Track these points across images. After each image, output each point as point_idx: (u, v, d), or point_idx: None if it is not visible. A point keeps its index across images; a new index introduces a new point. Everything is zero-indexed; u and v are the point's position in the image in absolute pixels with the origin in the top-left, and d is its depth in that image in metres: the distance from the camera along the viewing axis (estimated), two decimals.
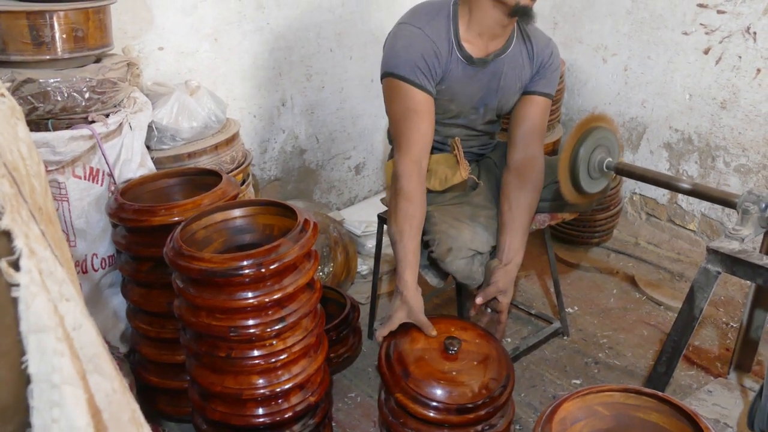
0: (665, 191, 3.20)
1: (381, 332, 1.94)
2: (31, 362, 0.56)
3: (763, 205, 1.60)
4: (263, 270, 1.64)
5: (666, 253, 3.18)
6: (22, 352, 0.57)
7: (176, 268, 1.69)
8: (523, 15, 1.97)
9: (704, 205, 3.05)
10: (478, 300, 2.06)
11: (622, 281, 2.99)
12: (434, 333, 1.91)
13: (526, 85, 2.20)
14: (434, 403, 1.72)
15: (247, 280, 1.64)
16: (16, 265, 0.58)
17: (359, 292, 2.91)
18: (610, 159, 1.94)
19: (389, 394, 1.82)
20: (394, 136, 2.09)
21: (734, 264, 1.55)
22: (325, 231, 2.81)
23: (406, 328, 1.94)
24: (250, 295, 1.67)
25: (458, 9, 2.04)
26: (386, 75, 2.03)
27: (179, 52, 2.61)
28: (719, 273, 1.59)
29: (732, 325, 2.65)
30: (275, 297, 1.69)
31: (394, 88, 2.02)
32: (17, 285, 0.57)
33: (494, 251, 2.14)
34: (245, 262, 1.63)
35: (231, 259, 1.64)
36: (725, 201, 1.69)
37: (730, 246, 1.57)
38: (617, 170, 1.94)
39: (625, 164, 1.96)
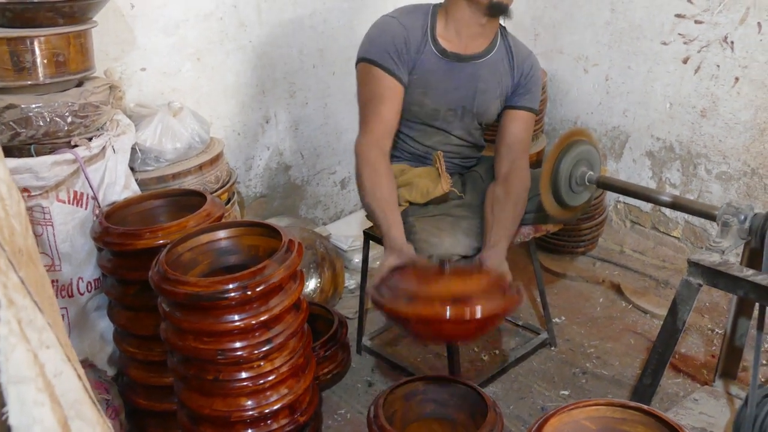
0: None
1: (372, 282, 1.83)
2: (11, 414, 0.57)
3: (742, 217, 1.62)
4: (249, 293, 1.65)
5: (651, 261, 3.20)
6: (2, 404, 0.58)
7: (162, 293, 1.69)
8: (499, 12, 2.06)
9: (686, 212, 3.07)
10: None
11: (608, 290, 3.01)
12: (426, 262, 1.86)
13: (508, 97, 2.25)
14: None
15: (233, 303, 1.65)
16: None
17: (347, 307, 2.91)
18: (591, 172, 1.96)
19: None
20: (359, 119, 2.16)
21: (715, 276, 1.57)
22: (312, 247, 2.82)
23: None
24: (236, 317, 1.68)
25: (438, 9, 2.16)
26: (359, 60, 2.13)
27: (162, 72, 2.61)
28: (701, 285, 1.60)
29: (717, 332, 2.67)
30: (262, 319, 1.70)
31: (365, 72, 2.11)
32: None
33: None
34: (231, 285, 1.64)
35: (216, 283, 1.65)
36: (705, 213, 1.72)
37: (711, 258, 1.59)
38: (598, 183, 1.95)
39: (606, 177, 1.97)
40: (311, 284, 2.77)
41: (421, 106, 2.19)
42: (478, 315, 1.58)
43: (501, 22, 2.18)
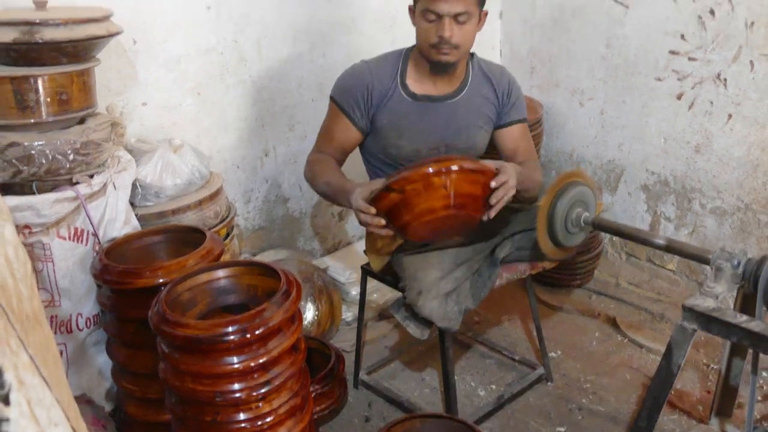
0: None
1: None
2: None
3: (735, 263, 1.64)
4: (248, 335, 1.66)
5: (646, 293, 3.22)
6: None
7: (161, 335, 1.70)
8: (440, 70, 2.19)
9: None
10: None
11: (604, 323, 3.03)
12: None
13: (496, 121, 2.33)
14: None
15: (232, 345, 1.65)
16: (6, 399, 0.60)
17: (344, 340, 2.92)
18: (587, 214, 1.98)
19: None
20: (315, 143, 2.38)
21: (709, 322, 1.59)
22: (310, 280, 2.83)
23: None
24: (235, 360, 1.68)
25: (411, 52, 2.26)
26: (330, 96, 2.32)
27: (162, 106, 2.64)
28: (695, 330, 1.62)
29: (713, 367, 2.68)
30: (260, 361, 1.70)
31: (330, 108, 2.32)
32: (7, 420, 0.59)
33: (473, 296, 2.15)
34: (230, 329, 1.65)
35: (216, 326, 1.66)
36: (699, 257, 1.74)
37: (705, 304, 1.61)
38: (594, 225, 1.97)
39: (601, 219, 2.00)
40: (309, 316, 2.77)
41: (398, 148, 2.28)
42: (455, 167, 1.77)
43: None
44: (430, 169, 1.77)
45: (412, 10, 2.17)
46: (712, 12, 2.73)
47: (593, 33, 3.22)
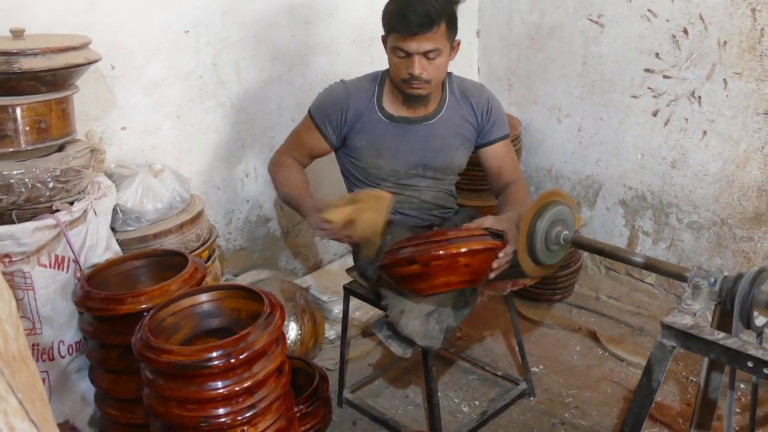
0: (622, 246, 3.29)
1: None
2: None
3: (712, 280, 1.67)
4: (233, 360, 1.66)
5: (626, 307, 3.25)
6: None
7: (144, 361, 1.70)
8: (413, 102, 2.22)
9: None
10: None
11: (585, 337, 3.06)
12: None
13: (476, 139, 2.36)
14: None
15: (216, 371, 1.66)
16: None
17: (328, 358, 2.93)
18: (567, 232, 2.00)
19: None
20: (283, 143, 2.45)
21: (688, 339, 1.61)
22: (292, 299, 2.83)
23: None
24: (220, 384, 1.69)
25: (386, 76, 2.28)
26: (308, 110, 2.37)
27: (142, 130, 2.64)
28: (674, 347, 1.64)
29: (692, 380, 2.71)
30: (245, 385, 1.71)
31: (304, 120, 2.38)
32: None
33: (455, 314, 2.17)
34: (214, 354, 1.65)
35: (200, 351, 1.66)
36: (677, 275, 1.76)
37: (683, 321, 1.63)
38: (573, 243, 2.00)
39: (581, 237, 2.02)
40: (292, 335, 2.78)
41: (378, 168, 2.31)
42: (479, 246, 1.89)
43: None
44: (463, 249, 1.86)
45: (384, 40, 2.19)
46: (685, 31, 2.79)
47: (569, 51, 3.27)
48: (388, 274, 1.99)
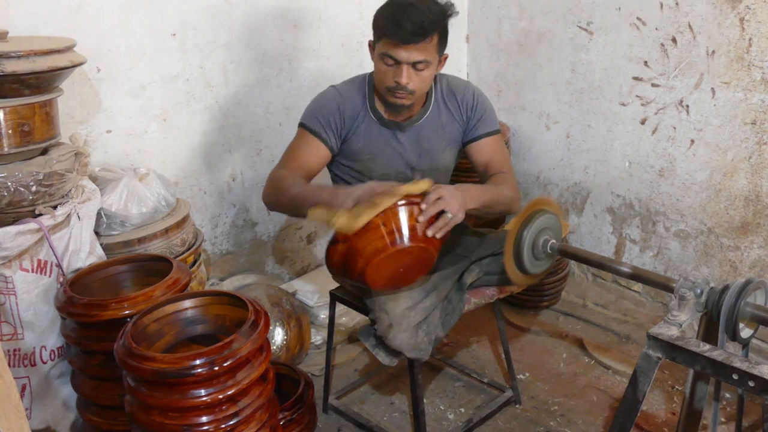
0: (609, 253, 3.29)
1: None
2: None
3: (698, 291, 1.67)
4: (216, 368, 1.64)
5: (613, 315, 3.25)
6: None
7: (127, 369, 1.68)
8: (399, 111, 2.20)
9: (646, 268, 3.14)
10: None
11: (572, 345, 3.05)
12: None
13: (463, 136, 2.33)
14: None
15: (200, 379, 1.64)
16: None
17: (313, 364, 2.91)
18: (554, 241, 2.00)
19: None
20: (280, 160, 2.28)
21: (673, 351, 1.61)
22: (278, 304, 2.82)
23: None
24: (203, 392, 1.67)
25: (373, 78, 2.24)
26: (298, 124, 2.27)
27: (128, 134, 2.62)
28: (660, 359, 1.64)
29: (677, 389, 2.71)
30: (229, 393, 1.69)
31: (298, 134, 2.26)
32: None
33: (443, 324, 2.16)
34: (198, 362, 1.64)
35: (183, 359, 1.64)
36: (664, 285, 1.76)
37: (669, 332, 1.63)
38: (561, 252, 1.99)
39: (567, 247, 2.02)
40: (278, 340, 2.76)
41: (370, 171, 2.28)
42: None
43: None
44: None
45: (371, 46, 2.16)
46: (674, 40, 2.79)
47: (559, 58, 3.27)
48: (341, 275, 1.95)
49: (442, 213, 1.88)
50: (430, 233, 1.86)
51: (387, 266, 1.88)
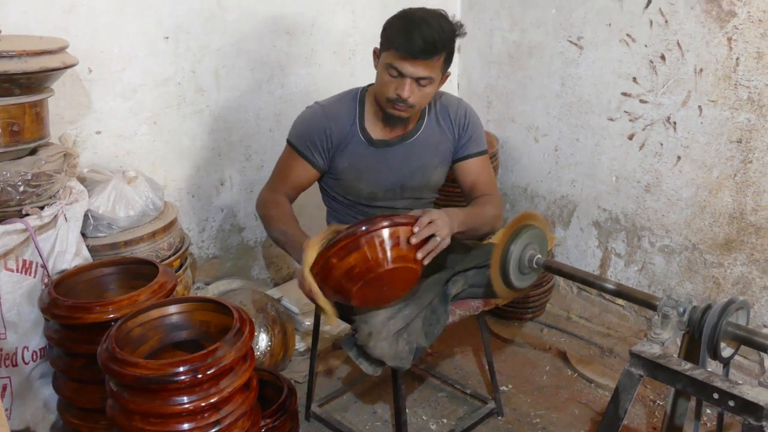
0: (595, 267, 3.31)
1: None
2: None
3: (681, 310, 1.68)
4: (200, 375, 1.64)
5: (596, 328, 3.27)
6: None
7: (109, 373, 1.67)
8: (393, 122, 2.21)
9: (630, 282, 3.16)
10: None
11: (555, 357, 3.07)
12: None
13: (453, 154, 2.34)
14: None
15: (183, 386, 1.64)
16: None
17: (297, 371, 2.91)
18: (540, 256, 2.01)
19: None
20: (269, 180, 2.36)
21: (655, 369, 1.62)
22: (263, 310, 2.82)
23: None
24: (185, 399, 1.66)
25: (366, 94, 2.25)
26: (287, 140, 2.30)
27: (117, 135, 2.62)
28: (642, 376, 1.65)
29: (659, 403, 2.73)
30: (211, 401, 1.68)
31: (286, 151, 2.31)
32: None
33: (426, 334, 2.16)
34: (181, 369, 1.63)
35: (166, 366, 1.64)
36: (647, 303, 1.77)
37: (651, 350, 1.64)
38: (546, 267, 2.01)
39: (553, 262, 2.03)
40: (262, 346, 2.76)
41: (357, 191, 2.30)
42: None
43: None
44: (362, 228, 1.84)
45: (377, 54, 2.16)
46: (663, 57, 2.82)
47: (548, 71, 3.29)
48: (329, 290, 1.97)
49: (431, 237, 1.90)
50: (419, 256, 1.90)
51: (372, 288, 1.91)
